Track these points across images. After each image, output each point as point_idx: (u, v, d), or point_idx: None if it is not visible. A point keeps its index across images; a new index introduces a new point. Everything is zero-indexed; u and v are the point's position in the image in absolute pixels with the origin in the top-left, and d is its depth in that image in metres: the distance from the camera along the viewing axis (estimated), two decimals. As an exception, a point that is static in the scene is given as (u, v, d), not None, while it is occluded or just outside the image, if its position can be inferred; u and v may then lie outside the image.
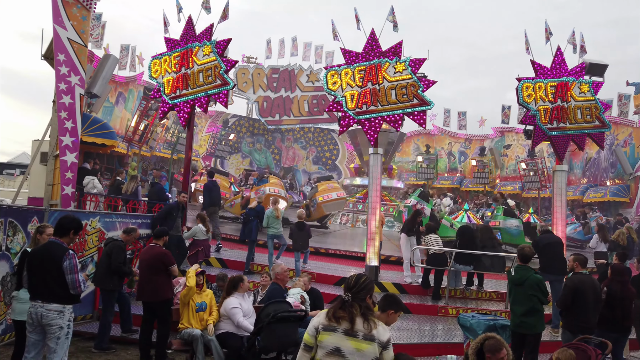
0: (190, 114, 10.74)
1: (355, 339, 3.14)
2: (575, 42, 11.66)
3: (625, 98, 21.00)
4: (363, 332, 3.14)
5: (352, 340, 3.14)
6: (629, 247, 11.19)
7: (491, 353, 4.41)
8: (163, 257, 6.77)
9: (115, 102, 20.14)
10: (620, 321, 6.66)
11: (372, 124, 10.25)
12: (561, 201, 10.48)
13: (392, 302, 3.83)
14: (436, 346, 7.90)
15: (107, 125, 14.70)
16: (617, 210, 19.78)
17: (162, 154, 22.21)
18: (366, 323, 3.16)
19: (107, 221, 8.71)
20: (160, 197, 11.22)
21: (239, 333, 6.26)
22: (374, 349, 3.13)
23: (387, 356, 3.18)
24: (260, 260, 11.26)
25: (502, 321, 6.77)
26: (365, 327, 3.15)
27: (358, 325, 3.16)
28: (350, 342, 3.14)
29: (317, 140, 31.57)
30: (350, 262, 12.72)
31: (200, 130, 29.04)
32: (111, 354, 6.97)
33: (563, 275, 8.50)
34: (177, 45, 10.88)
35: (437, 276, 10.11)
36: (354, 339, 3.14)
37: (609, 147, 21.44)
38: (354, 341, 3.14)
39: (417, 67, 10.13)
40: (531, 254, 6.52)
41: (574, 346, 5.23)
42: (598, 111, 10.45)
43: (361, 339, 3.14)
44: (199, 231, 9.66)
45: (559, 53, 10.69)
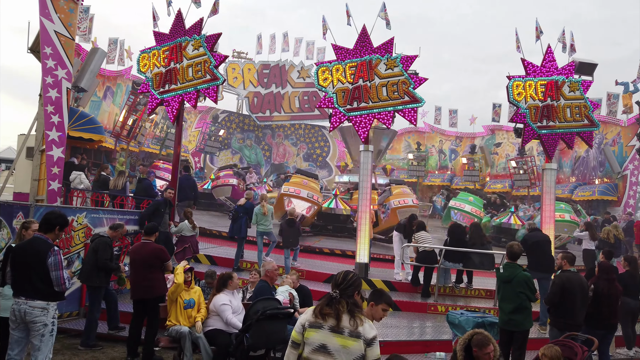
0: (179, 109, 10.63)
1: (341, 336, 3.12)
2: (565, 41, 11.72)
3: (614, 97, 21.18)
4: (349, 329, 3.13)
5: (338, 337, 3.12)
6: (616, 245, 11.30)
7: (478, 347, 4.43)
8: (160, 253, 6.76)
9: (103, 97, 19.88)
10: (606, 318, 6.73)
11: (363, 120, 10.23)
12: (550, 199, 10.54)
13: (372, 295, 3.84)
14: (425, 343, 7.92)
15: (95, 120, 14.55)
16: (605, 208, 19.98)
17: (150, 150, 22.01)
18: (352, 320, 3.14)
19: (93, 217, 8.60)
20: (148, 193, 11.11)
21: (228, 330, 6.21)
22: (360, 345, 3.11)
23: (372, 353, 3.15)
24: (250, 257, 11.21)
25: (491, 318, 6.80)
26: (351, 324, 3.13)
27: (344, 322, 3.14)
28: (336, 339, 3.12)
29: (308, 137, 31.49)
30: (341, 260, 12.72)
31: (190, 125, 28.83)
32: (98, 351, 6.89)
33: (551, 273, 8.57)
34: (166, 40, 10.76)
35: (427, 274, 10.14)
36: (340, 335, 3.12)
37: (597, 146, 21.63)
38: (340, 338, 3.12)
39: (409, 64, 10.12)
40: (520, 251, 6.56)
41: (560, 343, 5.25)
42: (587, 110, 10.51)
43: (347, 336, 3.12)
44: (185, 227, 9.59)
45: (549, 52, 10.73)
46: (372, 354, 3.15)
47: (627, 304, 7.91)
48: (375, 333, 3.19)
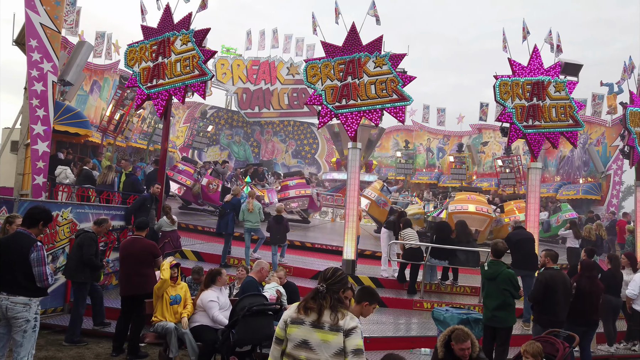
0: (167, 104, 10.56)
1: (322, 331, 3.13)
2: (552, 42, 11.85)
3: (599, 98, 21.49)
4: (329, 323, 3.13)
5: (319, 332, 3.14)
6: (598, 243, 11.48)
7: (455, 342, 4.53)
8: (153, 248, 6.78)
9: (89, 91, 19.65)
10: (588, 315, 6.85)
11: (352, 118, 10.25)
12: (535, 198, 10.68)
13: (365, 294, 3.85)
14: (411, 339, 7.99)
15: (81, 114, 14.41)
16: (589, 207, 20.29)
17: (138, 145, 21.82)
18: (333, 314, 3.15)
19: (79, 212, 8.52)
20: (135, 188, 11.03)
21: (214, 326, 6.21)
22: (339, 339, 3.11)
23: (350, 343, 3.11)
24: (237, 254, 11.20)
25: (475, 315, 6.89)
26: (332, 319, 3.14)
27: (325, 317, 3.15)
28: (317, 334, 3.14)
29: (297, 134, 31.48)
30: (328, 256, 12.77)
31: (178, 121, 28.63)
32: (82, 347, 6.84)
33: (534, 270, 8.69)
34: (154, 34, 10.67)
35: (413, 271, 10.21)
36: (321, 330, 3.14)
37: (582, 146, 21.93)
38: (320, 333, 3.13)
39: (397, 63, 10.17)
40: (504, 249, 6.64)
41: (542, 339, 5.35)
42: (572, 110, 10.65)
43: (327, 330, 3.13)
44: (164, 223, 9.55)
45: (535, 52, 10.84)
46: (350, 343, 3.10)
47: (608, 301, 8.07)
48: (355, 324, 3.16)
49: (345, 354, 3.10)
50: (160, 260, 6.76)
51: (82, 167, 11.93)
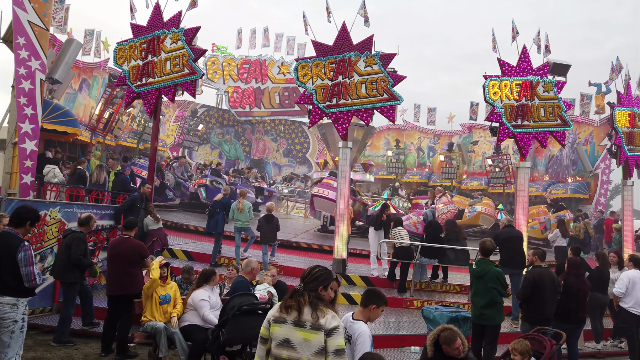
0: (157, 103, 10.51)
1: (303, 329, 3.14)
2: (540, 42, 11.96)
3: (587, 98, 21.69)
4: (310, 322, 3.14)
5: (301, 330, 3.15)
6: (586, 241, 11.61)
7: (447, 344, 4.55)
8: (141, 249, 6.73)
9: (78, 89, 19.47)
10: (575, 313, 6.92)
11: (342, 117, 10.27)
12: (523, 197, 10.77)
13: (372, 296, 3.86)
14: (401, 338, 8.03)
15: (70, 113, 14.27)
16: (577, 206, 20.48)
17: (127, 144, 21.65)
18: (314, 313, 3.15)
19: (67, 211, 8.45)
20: (125, 187, 10.97)
21: (204, 326, 6.20)
22: (320, 338, 3.12)
23: (332, 343, 3.11)
24: (227, 253, 11.18)
25: (464, 313, 6.94)
26: (312, 317, 3.14)
27: (306, 315, 3.16)
28: (298, 332, 3.14)
29: (288, 133, 31.43)
30: (319, 255, 12.78)
31: (168, 120, 28.46)
32: (71, 348, 6.79)
33: (522, 268, 8.77)
34: (143, 32, 10.61)
35: (403, 269, 10.26)
36: (302, 329, 3.14)
37: (570, 145, 22.15)
38: (302, 332, 3.14)
39: (388, 62, 10.20)
40: (492, 247, 6.69)
41: (530, 337, 5.41)
42: (560, 110, 10.76)
43: (308, 329, 3.14)
44: (149, 222, 9.49)
45: (524, 52, 10.94)
46: (331, 344, 3.11)
47: (596, 299, 8.17)
48: (337, 324, 3.16)
49: (327, 353, 3.11)
50: (149, 260, 6.72)
51: (76, 167, 11.77)
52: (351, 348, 3.84)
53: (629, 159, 12.09)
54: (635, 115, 12.29)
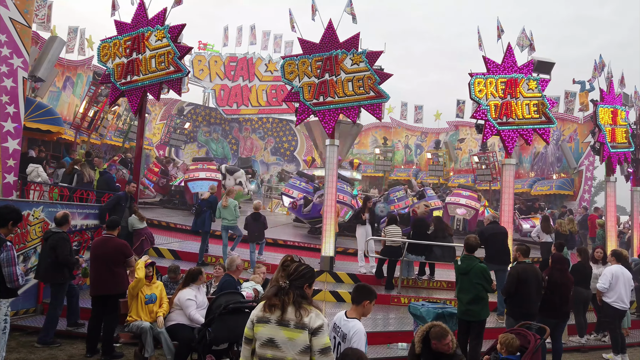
0: (142, 101, 10.41)
1: (287, 329, 3.13)
2: (524, 41, 12.07)
3: (572, 95, 21.96)
4: (294, 321, 3.13)
5: (284, 329, 3.14)
6: (569, 237, 11.75)
7: (437, 340, 4.57)
8: (124, 248, 6.67)
9: (62, 87, 19.19)
10: (559, 307, 7.02)
11: (329, 115, 10.27)
12: (508, 194, 10.89)
13: (365, 292, 3.87)
14: (388, 334, 8.07)
15: (53, 111, 14.08)
16: (562, 202, 20.75)
17: (113, 142, 21.43)
18: (297, 311, 3.14)
19: (51, 211, 8.33)
20: (110, 186, 10.85)
21: (191, 325, 6.17)
22: (305, 337, 3.11)
23: (317, 342, 3.11)
24: (215, 252, 11.13)
25: (450, 309, 7.00)
26: (296, 316, 3.13)
27: (289, 314, 3.15)
28: (283, 331, 3.13)
29: (276, 131, 31.36)
30: (307, 253, 12.75)
31: (154, 118, 28.21)
32: (55, 349, 6.72)
33: (507, 264, 8.87)
34: (128, 29, 10.50)
35: (390, 266, 10.30)
36: (286, 328, 3.13)
37: (555, 142, 22.42)
38: (286, 331, 3.13)
39: (374, 60, 10.22)
40: (476, 244, 6.75)
41: (515, 331, 5.47)
42: (544, 107, 10.88)
43: (293, 328, 3.13)
44: (135, 221, 9.41)
45: (509, 50, 11.04)
46: (317, 343, 3.11)
47: (579, 293, 8.29)
48: (322, 322, 3.16)
49: (312, 352, 3.11)
50: (132, 260, 6.67)
51: (72, 166, 11.49)
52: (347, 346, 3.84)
53: (611, 155, 12.27)
54: (617, 112, 12.47)
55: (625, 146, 12.52)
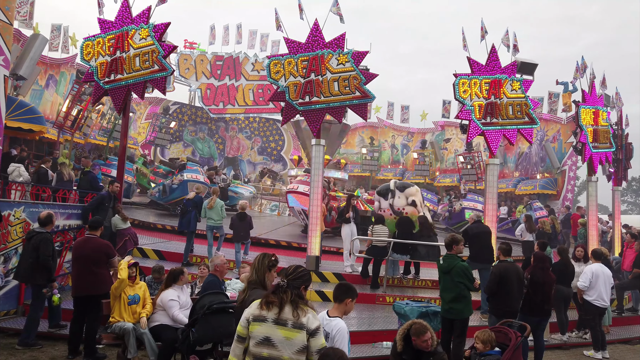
0: (125, 100, 10.31)
1: (285, 328, 3.17)
2: (509, 42, 12.21)
3: (555, 96, 22.27)
4: (292, 320, 3.17)
5: (282, 329, 3.17)
6: (552, 236, 11.94)
7: (416, 336, 4.63)
8: (107, 248, 6.58)
9: (45, 86, 18.94)
10: (541, 305, 7.12)
11: (315, 115, 10.28)
12: (492, 193, 11.01)
13: (347, 290, 3.91)
14: (373, 333, 8.10)
15: (35, 110, 13.88)
16: (545, 201, 21.03)
17: (97, 142, 21.21)
18: (295, 311, 3.19)
19: (32, 211, 8.21)
20: (93, 186, 10.73)
21: (174, 325, 6.14)
22: (303, 336, 3.16)
23: (315, 343, 3.19)
24: (200, 252, 11.07)
25: (434, 308, 7.06)
26: (294, 316, 3.18)
27: (287, 313, 3.18)
28: (280, 331, 3.16)
29: (263, 130, 31.29)
30: (292, 253, 12.77)
31: (139, 117, 27.97)
32: (37, 350, 6.62)
33: (491, 263, 8.95)
34: (111, 27, 10.38)
35: (376, 265, 10.35)
36: (283, 327, 3.17)
37: (539, 143, 22.72)
38: (283, 330, 3.16)
39: (360, 60, 10.24)
40: (450, 241, 6.79)
41: (496, 329, 5.53)
42: (528, 108, 11.02)
43: (290, 328, 3.16)
44: (118, 221, 9.32)
45: (493, 51, 11.15)
46: (315, 344, 3.18)
47: (560, 292, 8.41)
48: (319, 324, 3.24)
49: (310, 353, 3.17)
50: (116, 260, 6.60)
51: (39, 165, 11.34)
52: (329, 345, 3.87)
53: (593, 155, 12.46)
54: (599, 113, 12.68)
55: (607, 146, 12.73)
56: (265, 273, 4.06)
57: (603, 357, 8.18)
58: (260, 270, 4.05)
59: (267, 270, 4.08)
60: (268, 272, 4.08)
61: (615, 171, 14.24)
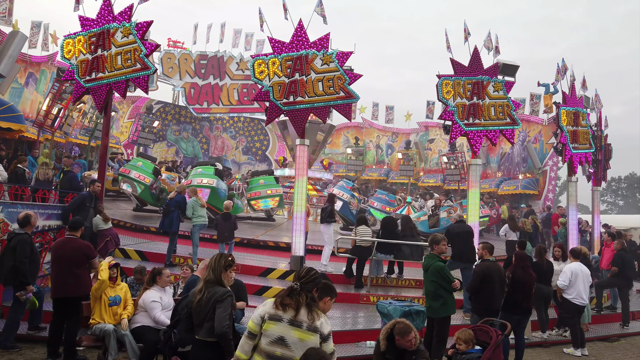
0: (107, 98, 10.17)
1: (300, 330, 3.24)
2: (490, 44, 12.35)
3: (537, 98, 22.60)
4: (307, 323, 3.25)
5: (297, 330, 3.24)
6: (534, 235, 12.11)
7: (400, 336, 4.66)
8: (87, 249, 6.46)
9: (25, 84, 18.59)
10: (521, 304, 7.21)
11: (299, 115, 10.27)
12: (474, 193, 11.12)
13: (327, 289, 3.94)
14: (357, 333, 8.12)
15: (14, 108, 13.63)
16: (527, 201, 21.33)
17: (78, 141, 20.89)
18: (310, 314, 3.28)
19: (11, 212, 8.05)
20: (73, 186, 10.56)
21: (156, 327, 6.08)
22: (316, 340, 3.25)
23: (327, 347, 3.29)
24: (183, 252, 10.98)
25: (417, 307, 7.11)
26: (309, 318, 3.26)
27: (302, 315, 3.27)
28: (294, 332, 3.24)
29: (247, 130, 31.17)
30: (276, 253, 12.73)
31: (122, 116, 27.66)
32: (15, 353, 6.50)
33: (472, 262, 9.05)
34: (92, 25, 10.23)
35: (360, 265, 10.38)
36: (299, 329, 3.24)
37: (521, 143, 23.02)
38: (298, 331, 3.24)
39: (344, 60, 10.27)
40: (430, 241, 6.87)
41: (477, 328, 5.59)
42: (509, 109, 11.17)
43: (305, 330, 3.24)
44: (99, 221, 9.17)
45: (475, 52, 11.27)
46: (327, 348, 3.29)
47: (540, 290, 8.54)
48: (330, 328, 3.35)
49: None
50: (96, 261, 6.50)
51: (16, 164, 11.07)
52: None
53: (573, 156, 12.68)
54: (579, 114, 12.90)
55: (586, 147, 12.96)
56: (221, 273, 4.16)
57: (582, 354, 8.32)
58: (217, 269, 4.15)
59: (223, 270, 4.17)
60: (224, 272, 4.18)
61: (595, 171, 14.50)
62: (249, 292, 7.98)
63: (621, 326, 10.57)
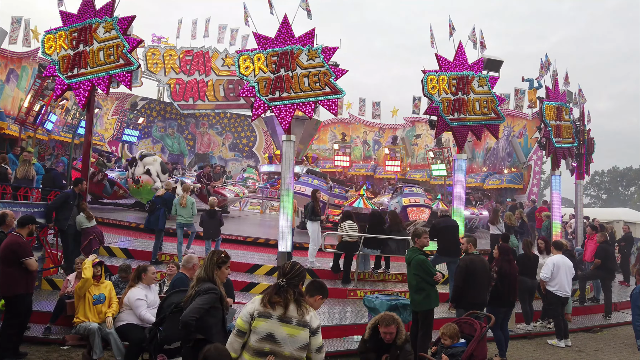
0: (90, 95, 10.04)
1: (289, 325, 3.26)
2: (476, 39, 12.44)
3: (521, 93, 22.79)
4: (297, 318, 3.27)
5: (286, 326, 3.25)
6: (522, 229, 12.24)
7: (382, 325, 4.79)
8: (17, 247, 6.01)
9: (5, 80, 18.24)
10: (506, 296, 7.30)
11: (285, 110, 10.24)
12: (460, 187, 11.21)
13: (319, 288, 3.95)
14: (344, 328, 8.16)
15: (-5, 105, 13.38)
16: (512, 195, 21.54)
17: (61, 138, 20.58)
18: (299, 309, 3.29)
19: (-8, 210, 7.92)
20: (56, 183, 10.42)
21: (141, 324, 6.04)
22: (306, 334, 3.27)
23: (316, 341, 3.32)
24: (169, 250, 10.90)
25: (403, 301, 7.16)
26: (298, 314, 3.28)
27: (291, 311, 3.28)
28: (284, 328, 3.25)
29: (234, 126, 30.99)
30: (263, 249, 12.70)
31: (106, 113, 27.31)
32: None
33: (458, 256, 9.11)
34: (74, 20, 10.08)
35: (347, 260, 10.40)
36: (288, 325, 3.25)
37: (506, 138, 23.23)
38: (288, 327, 3.25)
39: (330, 56, 10.25)
40: (412, 235, 6.91)
41: (462, 321, 5.65)
42: (494, 104, 11.26)
43: (295, 325, 3.26)
44: (83, 219, 9.06)
45: (460, 48, 11.34)
46: (315, 342, 3.32)
47: (524, 283, 8.65)
48: (319, 322, 3.37)
49: (310, 350, 3.31)
50: (32, 262, 6.11)
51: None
52: None
53: (556, 150, 12.83)
54: (562, 109, 13.05)
55: (570, 142, 13.13)
56: (214, 270, 4.12)
57: (566, 345, 8.46)
58: (209, 267, 4.11)
59: (215, 267, 4.12)
60: (217, 270, 4.14)
61: (578, 165, 14.69)
62: (236, 289, 7.98)
63: (604, 317, 10.76)
